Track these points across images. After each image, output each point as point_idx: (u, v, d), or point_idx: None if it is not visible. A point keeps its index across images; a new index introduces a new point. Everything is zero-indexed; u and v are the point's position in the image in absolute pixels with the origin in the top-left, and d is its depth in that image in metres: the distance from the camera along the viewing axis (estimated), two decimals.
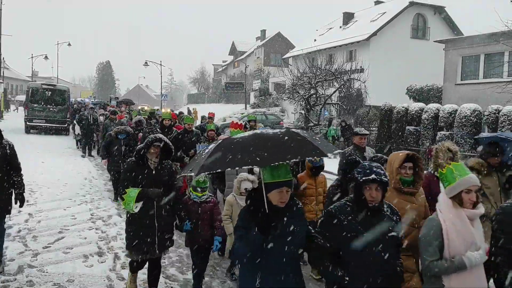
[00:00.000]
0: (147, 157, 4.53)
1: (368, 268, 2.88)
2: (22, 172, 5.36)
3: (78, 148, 17.30)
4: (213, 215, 4.97)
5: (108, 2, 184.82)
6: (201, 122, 15.12)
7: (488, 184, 4.52)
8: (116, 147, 9.25)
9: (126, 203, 4.36)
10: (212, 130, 8.58)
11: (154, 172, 4.54)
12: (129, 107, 22.65)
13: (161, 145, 4.54)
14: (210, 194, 5.33)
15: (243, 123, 9.88)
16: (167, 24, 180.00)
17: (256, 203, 2.78)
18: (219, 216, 5.04)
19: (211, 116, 11.86)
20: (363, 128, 6.70)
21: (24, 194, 5.35)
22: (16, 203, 5.32)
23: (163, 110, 18.50)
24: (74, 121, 17.80)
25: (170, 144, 4.68)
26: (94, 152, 16.20)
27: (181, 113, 18.69)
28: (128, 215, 4.63)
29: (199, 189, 4.92)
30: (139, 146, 4.71)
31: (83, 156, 15.64)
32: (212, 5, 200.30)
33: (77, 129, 16.86)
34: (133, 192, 4.36)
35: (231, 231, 4.89)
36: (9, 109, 36.43)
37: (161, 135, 4.67)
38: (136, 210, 4.39)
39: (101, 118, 15.50)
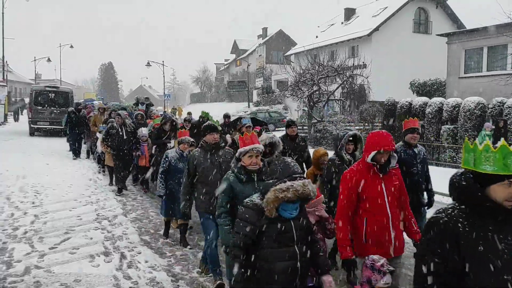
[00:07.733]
0: None
1: None
2: None
3: (99, 167, 12.90)
4: None
5: (109, 3, 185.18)
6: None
7: None
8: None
9: None
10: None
11: None
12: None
13: None
14: None
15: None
16: (169, 24, 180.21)
17: None
18: None
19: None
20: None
21: None
22: None
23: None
24: (97, 134, 12.49)
25: None
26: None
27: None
28: None
29: None
30: None
31: (96, 156, 13.11)
32: (212, 5, 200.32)
33: (99, 146, 11.78)
34: None
35: None
36: (21, 113, 32.35)
37: None
38: None
39: (144, 131, 10.13)
